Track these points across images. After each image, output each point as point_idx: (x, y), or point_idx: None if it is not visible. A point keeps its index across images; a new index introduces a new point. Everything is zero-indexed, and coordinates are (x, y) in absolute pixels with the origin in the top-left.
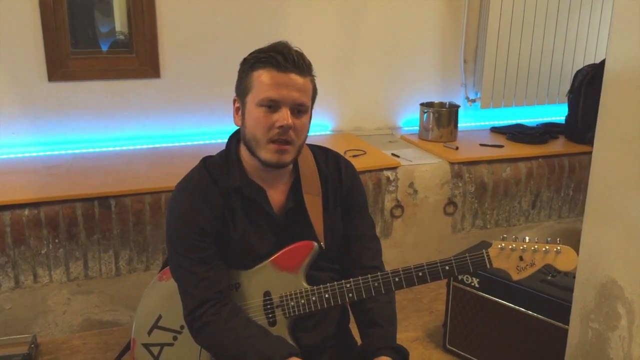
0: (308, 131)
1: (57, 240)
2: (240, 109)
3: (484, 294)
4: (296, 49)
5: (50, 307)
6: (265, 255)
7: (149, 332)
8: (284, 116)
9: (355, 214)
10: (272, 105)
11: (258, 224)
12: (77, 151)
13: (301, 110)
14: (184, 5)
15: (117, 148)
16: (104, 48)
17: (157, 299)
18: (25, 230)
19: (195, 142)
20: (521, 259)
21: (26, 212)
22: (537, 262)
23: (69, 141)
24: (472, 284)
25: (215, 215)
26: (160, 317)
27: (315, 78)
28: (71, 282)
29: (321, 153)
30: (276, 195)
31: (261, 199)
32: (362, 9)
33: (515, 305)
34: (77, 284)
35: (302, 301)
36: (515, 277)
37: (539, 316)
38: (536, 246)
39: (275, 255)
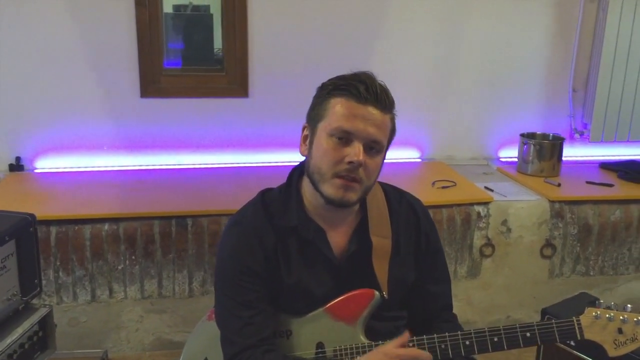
0: (379, 174)
1: (133, 257)
2: (308, 137)
3: (580, 354)
4: (381, 82)
5: (124, 323)
6: (321, 301)
7: None
8: (356, 151)
9: (434, 261)
10: (344, 138)
11: (315, 267)
12: (162, 167)
13: (375, 148)
14: (275, 26)
15: (202, 166)
16: (200, 65)
17: (204, 341)
18: (104, 245)
19: (281, 163)
20: (620, 331)
21: (106, 226)
22: None
23: (155, 157)
24: (567, 342)
25: (266, 256)
26: None
27: (396, 117)
28: (145, 300)
29: (394, 192)
30: (337, 237)
31: (319, 241)
32: (460, 30)
33: None
34: (150, 302)
35: (358, 358)
36: (612, 353)
37: None
38: None
39: (331, 303)
